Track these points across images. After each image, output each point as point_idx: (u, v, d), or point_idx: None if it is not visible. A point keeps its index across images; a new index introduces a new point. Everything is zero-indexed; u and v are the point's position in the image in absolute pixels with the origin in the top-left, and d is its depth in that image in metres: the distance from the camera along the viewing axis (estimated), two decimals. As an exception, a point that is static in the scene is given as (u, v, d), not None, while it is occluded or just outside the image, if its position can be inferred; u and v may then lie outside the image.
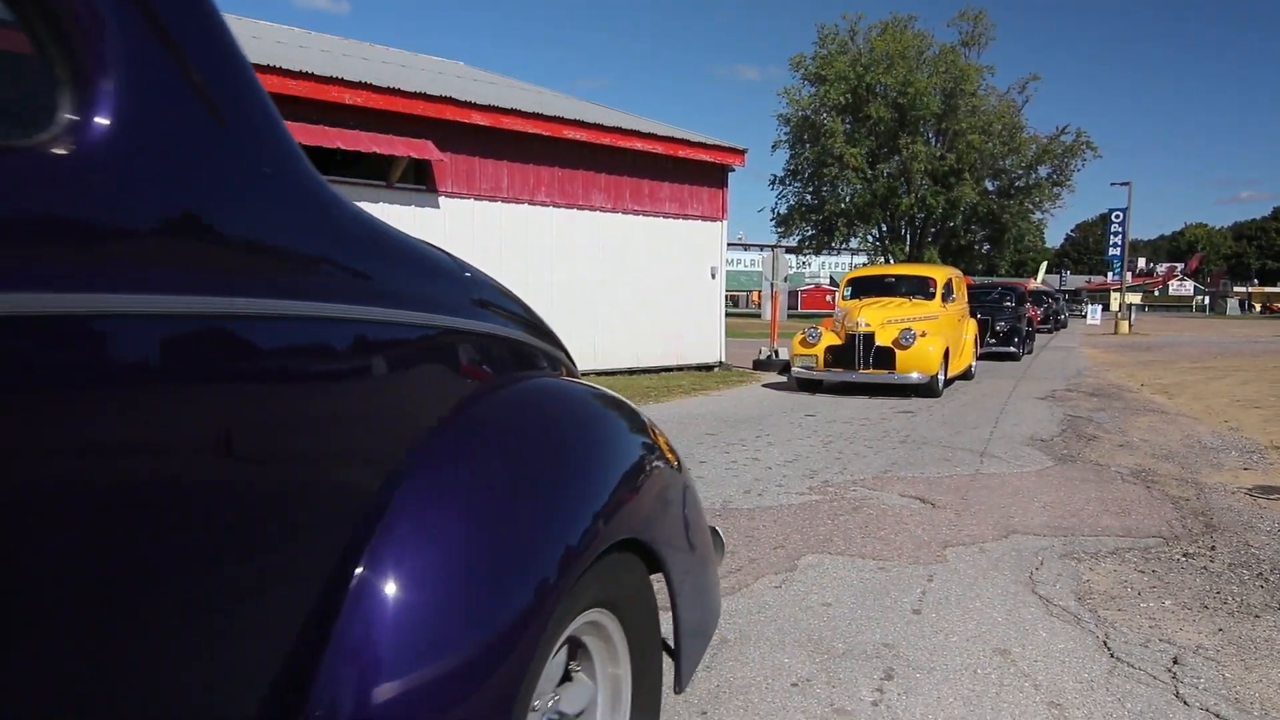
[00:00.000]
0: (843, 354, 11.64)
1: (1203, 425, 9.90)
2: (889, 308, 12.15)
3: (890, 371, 11.31)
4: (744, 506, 5.38)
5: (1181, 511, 5.85)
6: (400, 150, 10.82)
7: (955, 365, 12.71)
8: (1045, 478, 6.65)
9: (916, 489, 6.06)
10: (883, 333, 11.51)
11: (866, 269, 16.42)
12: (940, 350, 11.37)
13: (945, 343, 11.68)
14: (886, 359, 11.35)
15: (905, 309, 12.21)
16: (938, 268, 14.31)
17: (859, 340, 11.50)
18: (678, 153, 14.05)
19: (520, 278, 12.49)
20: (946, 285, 13.14)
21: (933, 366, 11.21)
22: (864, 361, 11.47)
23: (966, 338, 13.68)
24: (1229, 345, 26.50)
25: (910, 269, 15.59)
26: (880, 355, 11.41)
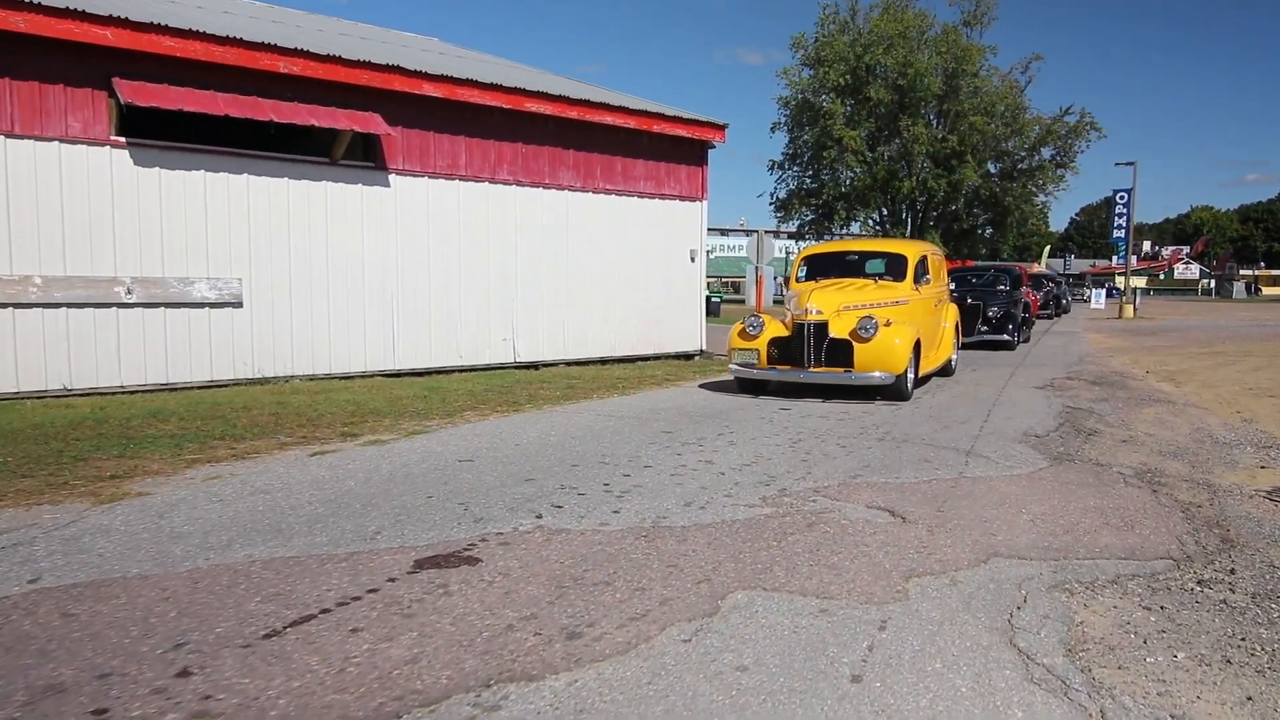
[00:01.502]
0: (790, 348, 9.63)
1: (1213, 416, 9.09)
2: (848, 291, 10.13)
3: (847, 370, 9.33)
4: (678, 524, 4.58)
5: (1193, 522, 5.05)
6: (342, 123, 9.98)
7: (930, 360, 10.93)
8: (1037, 482, 5.84)
9: (887, 498, 5.26)
10: (838, 321, 9.50)
11: (825, 244, 13.01)
12: (909, 342, 9.40)
13: (915, 333, 9.70)
14: (842, 354, 9.36)
15: (868, 292, 10.20)
16: (910, 243, 11.92)
17: (809, 331, 9.48)
18: (652, 128, 13.19)
19: (480, 261, 11.68)
20: (920, 264, 11.01)
21: (898, 363, 9.24)
22: (814, 357, 9.48)
23: (946, 326, 11.87)
24: (1237, 329, 25.63)
25: (876, 244, 13.04)
26: (834, 350, 9.41)
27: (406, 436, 6.95)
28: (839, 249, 12.09)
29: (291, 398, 8.86)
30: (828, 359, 9.46)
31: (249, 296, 9.89)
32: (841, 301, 9.77)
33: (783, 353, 9.69)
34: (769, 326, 9.87)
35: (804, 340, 9.52)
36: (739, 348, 9.85)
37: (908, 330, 9.54)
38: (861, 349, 9.27)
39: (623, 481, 5.48)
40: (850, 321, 9.42)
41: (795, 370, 9.58)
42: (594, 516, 4.67)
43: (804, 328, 9.52)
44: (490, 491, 5.14)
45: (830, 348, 9.46)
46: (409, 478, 5.46)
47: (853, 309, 9.67)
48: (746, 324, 9.93)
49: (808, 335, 9.49)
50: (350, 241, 10.64)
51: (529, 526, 4.46)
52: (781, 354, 9.69)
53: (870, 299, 10.02)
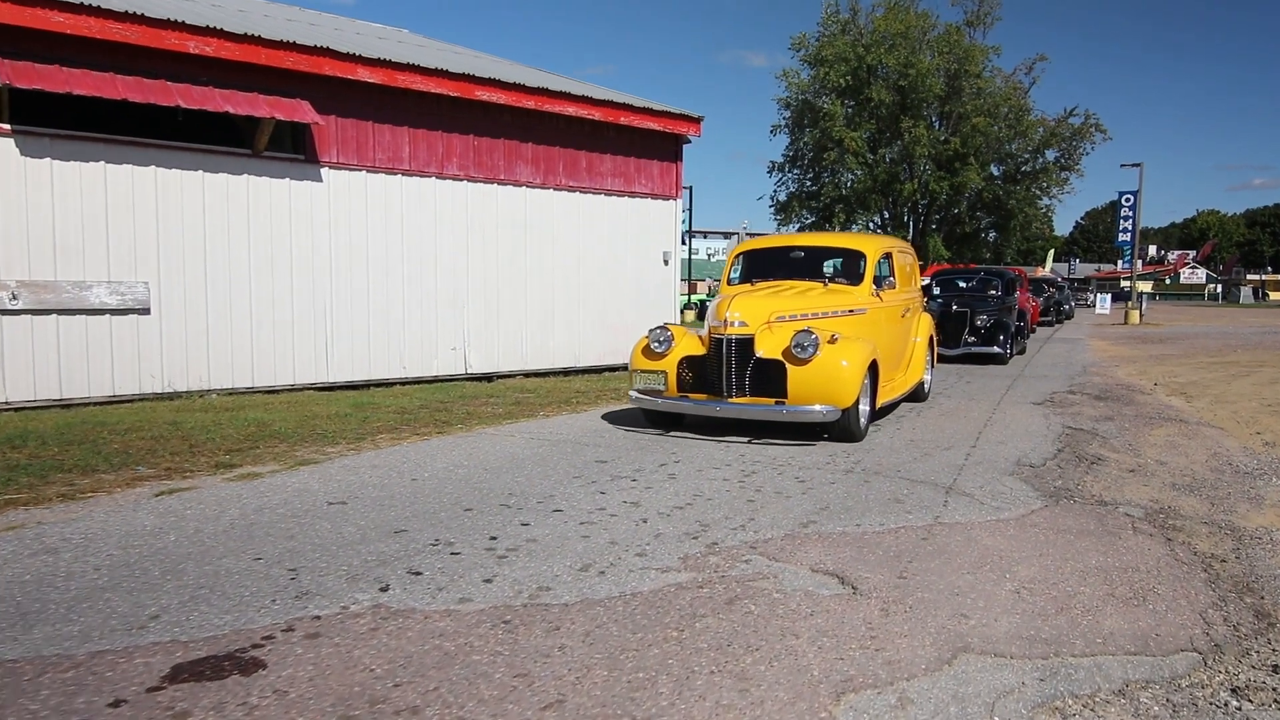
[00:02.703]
0: (705, 371, 7.43)
1: (1231, 438, 8.07)
2: (784, 296, 7.92)
3: (779, 401, 7.10)
4: (560, 600, 3.56)
5: (1219, 587, 4.04)
6: (263, 110, 8.99)
7: (895, 383, 8.88)
8: (1028, 530, 4.83)
9: (840, 557, 4.24)
10: (768, 336, 7.26)
11: (764, 238, 10.19)
12: (860, 364, 7.19)
13: (871, 352, 7.48)
14: (772, 380, 7.15)
15: (812, 298, 8.00)
16: (869, 237, 9.96)
17: (728, 349, 7.24)
18: (619, 119, 12.18)
19: (427, 264, 10.69)
20: (882, 264, 8.92)
21: (846, 392, 7.01)
22: (735, 384, 7.25)
23: (917, 340, 9.76)
24: (1248, 336, 24.56)
25: (828, 239, 10.56)
26: (762, 374, 7.20)
27: (290, 468, 5.94)
28: (782, 244, 9.38)
29: (193, 416, 7.87)
30: (753, 386, 7.22)
31: (158, 302, 8.90)
32: (774, 310, 7.47)
33: (698, 376, 7.45)
34: (681, 341, 7.63)
35: (722, 361, 7.25)
36: (641, 369, 7.61)
37: (860, 348, 7.31)
38: (797, 373, 7.02)
39: (516, 534, 4.47)
40: (783, 337, 7.18)
41: (712, 401, 7.29)
42: (455, 589, 3.66)
43: (722, 344, 7.23)
44: (341, 550, 4.14)
45: (757, 371, 7.20)
46: (250, 529, 4.46)
47: (788, 320, 7.46)
48: (651, 338, 7.66)
49: (727, 354, 7.23)
50: (277, 242, 9.65)
51: (363, 605, 3.45)
52: (697, 378, 7.46)
53: (814, 307, 7.82)
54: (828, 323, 7.65)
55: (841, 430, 7.19)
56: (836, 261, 8.91)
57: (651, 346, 7.65)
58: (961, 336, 14.87)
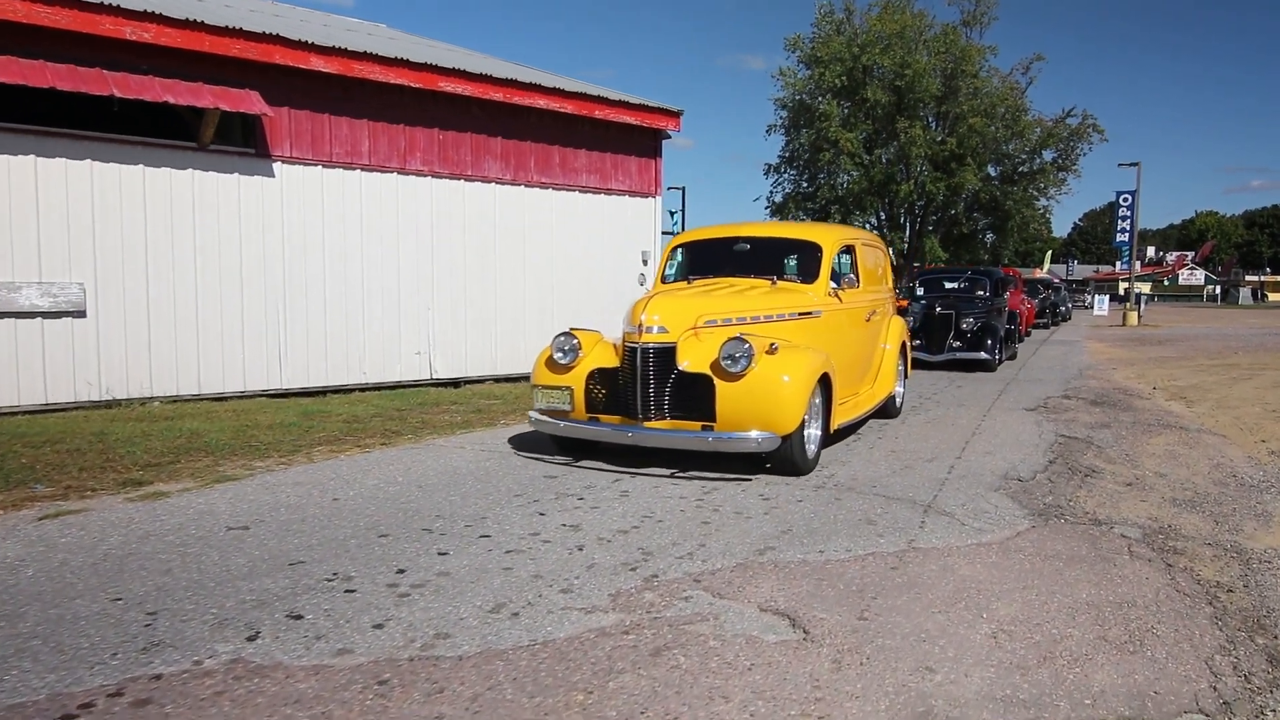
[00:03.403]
0: (618, 387, 6.02)
1: (1234, 447, 7.56)
2: (718, 296, 6.62)
3: (705, 426, 5.74)
4: (456, 652, 3.03)
5: (1227, 626, 3.54)
6: (207, 100, 8.47)
7: (856, 400, 7.59)
8: (1011, 556, 4.31)
9: (795, 591, 3.72)
10: (693, 345, 5.89)
11: (705, 229, 8.60)
12: (807, 379, 5.84)
13: (823, 364, 6.14)
14: (698, 399, 5.76)
15: (754, 298, 6.71)
16: (828, 228, 8.48)
17: (643, 361, 5.83)
18: (594, 113, 11.65)
19: (389, 264, 10.19)
20: (842, 259, 7.67)
21: (787, 414, 5.66)
22: (652, 404, 5.84)
23: (886, 347, 8.47)
24: (1248, 338, 24.06)
25: (777, 229, 8.76)
26: (685, 391, 5.81)
27: (204, 486, 5.41)
28: (724, 234, 7.87)
29: (124, 426, 7.34)
30: (674, 406, 5.82)
31: (95, 305, 8.37)
32: (702, 312, 6.10)
33: (612, 394, 6.03)
34: (591, 351, 6.24)
35: (636, 375, 5.83)
36: (543, 384, 6.26)
37: (806, 359, 5.99)
38: (727, 391, 5.65)
39: (429, 566, 3.95)
40: (712, 346, 5.80)
41: (624, 426, 5.88)
42: (336, 637, 3.13)
43: (636, 355, 5.82)
44: (219, 587, 3.61)
45: (679, 388, 5.80)
46: (124, 561, 3.93)
47: (720, 324, 6.08)
48: (554, 346, 6.31)
49: (642, 367, 5.81)
50: (225, 240, 9.13)
51: (219, 660, 2.92)
52: (610, 396, 6.04)
53: (754, 308, 6.47)
54: (770, 328, 6.33)
55: (782, 461, 5.85)
56: (788, 255, 7.59)
57: (554, 357, 6.24)
58: (946, 341, 13.85)
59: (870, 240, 8.78)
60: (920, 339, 13.80)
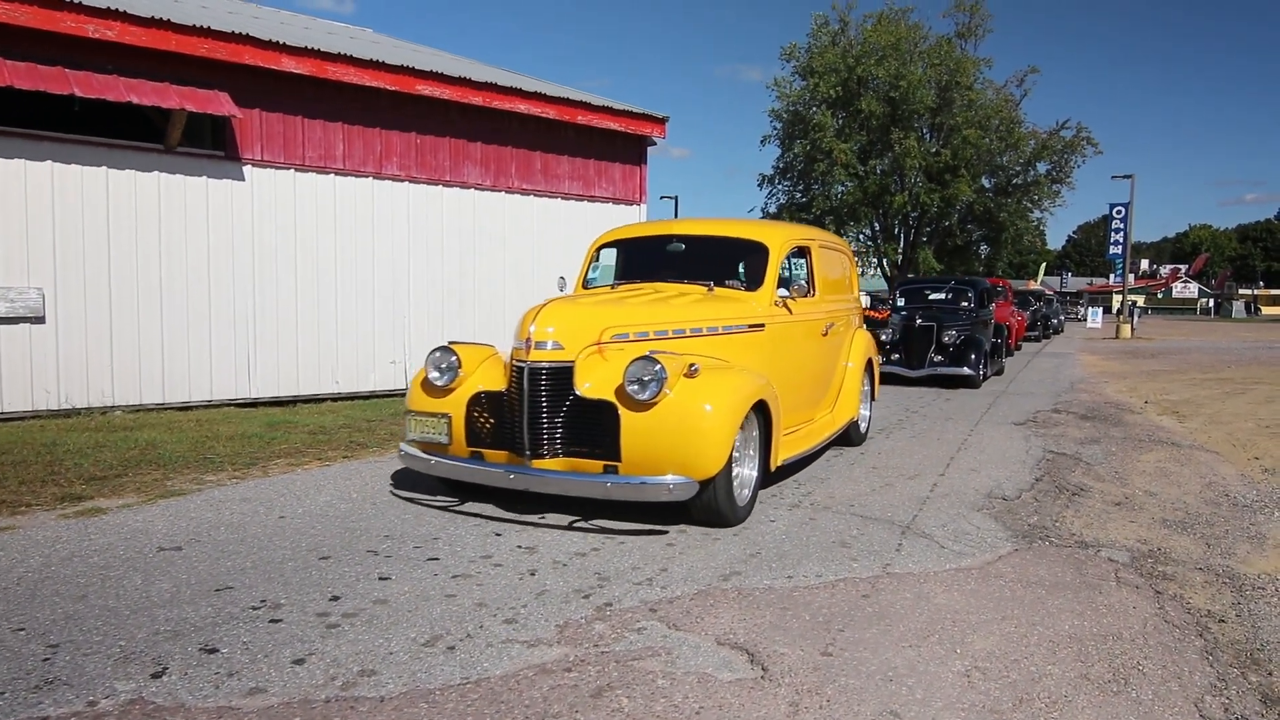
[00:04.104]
0: (503, 417, 4.88)
1: (1227, 464, 7.34)
2: (631, 304, 5.47)
3: (610, 467, 4.58)
4: (373, 694, 2.77)
5: (1218, 661, 3.31)
6: (173, 101, 8.22)
7: (809, 428, 6.47)
8: (991, 582, 4.07)
9: (757, 622, 3.47)
10: (596, 365, 4.78)
11: (635, 226, 7.78)
12: (735, 406, 4.73)
13: (757, 387, 5.02)
14: (599, 432, 4.63)
15: (679, 307, 5.55)
16: (779, 226, 7.15)
17: (532, 383, 4.67)
18: (576, 119, 11.43)
19: (363, 272, 9.95)
20: (793, 262, 6.63)
21: (708, 453, 4.52)
22: (544, 439, 4.68)
23: (849, 365, 7.41)
24: (1241, 351, 23.91)
25: (717, 226, 6.82)
26: (583, 422, 4.69)
27: (146, 502, 5.15)
28: (657, 232, 6.87)
29: (78, 437, 7.07)
30: (570, 441, 4.65)
31: (54, 311, 8.10)
32: (609, 324, 4.95)
33: (500, 424, 4.85)
34: (475, 369, 5.07)
35: (522, 401, 4.65)
36: (417, 410, 5.08)
37: (735, 383, 4.89)
38: (635, 423, 4.49)
39: (366, 592, 3.69)
40: (618, 366, 4.64)
41: (508, 466, 4.74)
42: (251, 674, 2.87)
43: (522, 376, 4.65)
44: (135, 616, 3.34)
45: (576, 418, 4.64)
46: (39, 585, 3.66)
47: (631, 339, 4.95)
48: (430, 363, 5.09)
49: (530, 391, 4.62)
50: (193, 246, 8.87)
51: (115, 701, 2.66)
52: (498, 426, 4.86)
53: (678, 319, 5.36)
54: (699, 344, 5.25)
55: (704, 510, 4.70)
56: (729, 257, 6.48)
57: (430, 378, 5.03)
58: (927, 355, 12.95)
59: (830, 242, 7.55)
60: (899, 353, 13.13)
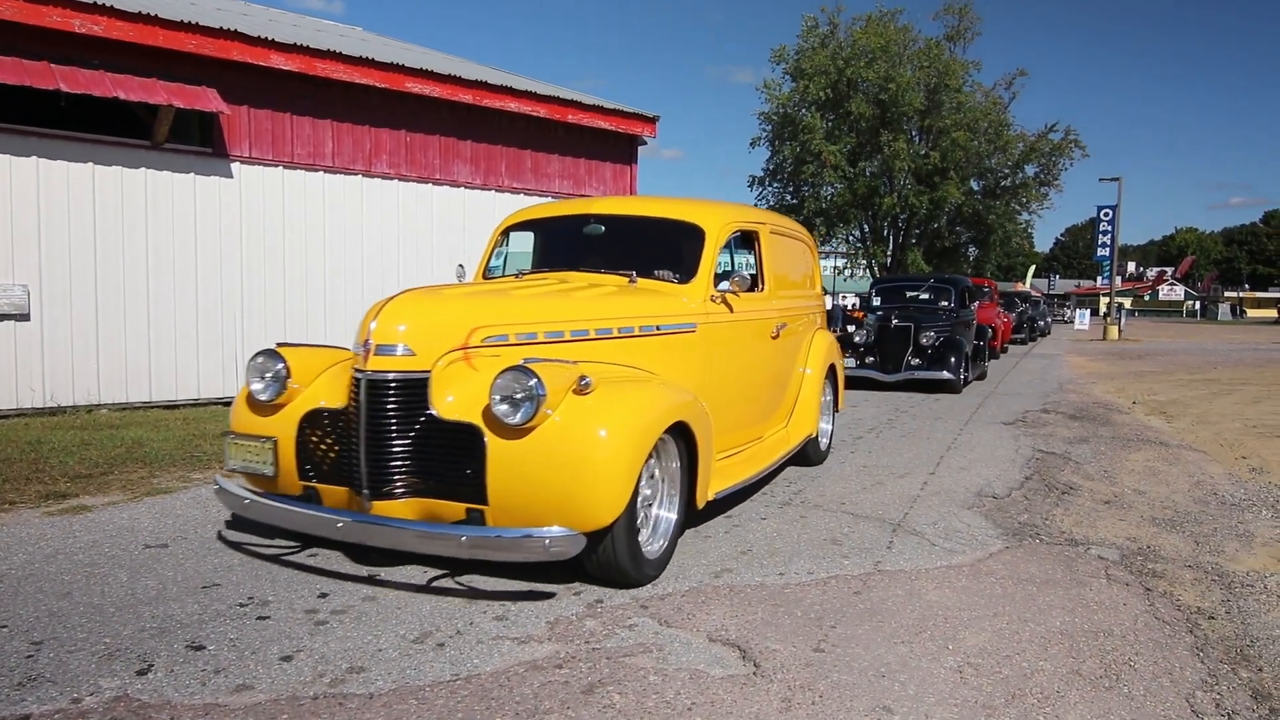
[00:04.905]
0: (344, 443, 3.68)
1: (1215, 464, 7.38)
2: (518, 296, 4.40)
3: (474, 512, 3.44)
4: (362, 690, 2.75)
5: (1208, 657, 3.31)
6: (160, 97, 8.16)
7: (755, 451, 5.41)
8: (982, 579, 4.07)
9: (749, 619, 3.46)
10: (458, 377, 3.61)
11: (546, 205, 6.11)
12: (642, 433, 3.60)
13: (674, 406, 3.91)
14: (459, 465, 3.47)
15: (582, 302, 4.48)
16: (720, 206, 5.53)
17: (372, 400, 3.53)
18: (567, 117, 11.41)
19: (352, 270, 9.89)
20: (735, 249, 5.62)
21: (600, 495, 3.40)
22: (387, 476, 3.53)
23: (806, 372, 6.34)
24: (1227, 353, 24.09)
25: (644, 205, 5.71)
26: (441, 452, 3.53)
27: (132, 500, 5.10)
28: (575, 211, 5.57)
29: (64, 435, 7.00)
30: (421, 478, 3.55)
31: (39, 307, 8.03)
32: (481, 320, 3.83)
33: (341, 452, 3.70)
34: (313, 380, 3.93)
35: (360, 424, 3.55)
36: (238, 433, 3.98)
37: (643, 401, 3.79)
38: (505, 454, 3.39)
39: (356, 589, 3.66)
40: (487, 380, 3.48)
41: (335, 511, 3.60)
42: (237, 671, 2.84)
43: (360, 391, 3.55)
44: (120, 613, 3.30)
45: (429, 446, 3.55)
46: (22, 582, 3.61)
47: (512, 343, 3.88)
48: (251, 372, 3.97)
49: (368, 411, 3.54)
50: (180, 243, 8.81)
51: (101, 698, 2.63)
52: (339, 455, 3.71)
53: (580, 316, 4.25)
54: (607, 348, 4.19)
55: (601, 567, 3.64)
56: (656, 241, 5.23)
57: (253, 390, 3.91)
58: (903, 358, 12.12)
59: (785, 227, 6.33)
60: (874, 355, 12.38)
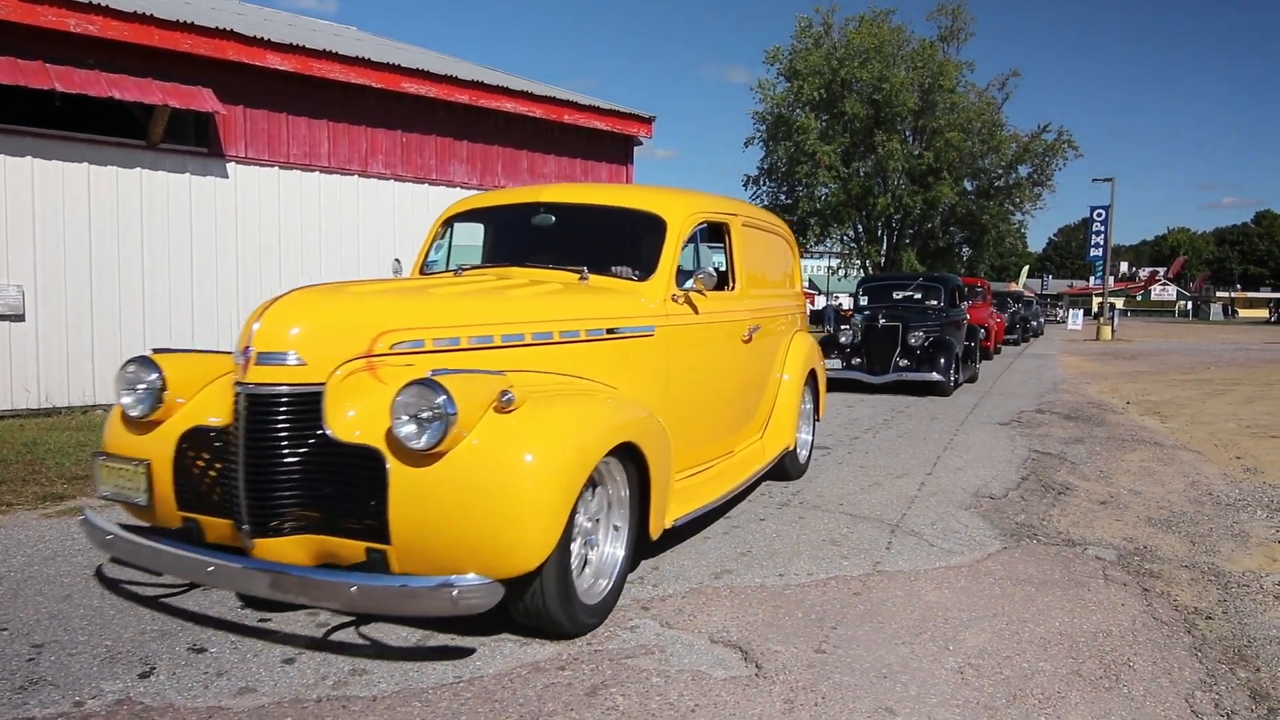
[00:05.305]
0: (222, 471, 3.00)
1: (1209, 464, 7.42)
2: (440, 295, 3.79)
3: (374, 553, 2.83)
4: (365, 693, 2.75)
5: (1206, 657, 3.33)
6: (155, 97, 8.14)
7: (719, 469, 4.79)
8: (981, 580, 4.09)
9: (750, 620, 3.47)
10: (359, 390, 2.98)
11: (496, 194, 5.35)
12: (582, 454, 3.04)
13: (618, 424, 3.36)
14: (361, 497, 2.83)
15: (515, 302, 3.86)
16: (685, 195, 4.96)
17: (251, 419, 2.89)
18: (563, 118, 11.42)
19: (348, 270, 9.87)
20: (699, 244, 4.90)
21: (528, 536, 2.82)
22: (271, 508, 2.89)
23: (784, 379, 5.81)
24: (1220, 353, 24.21)
25: (599, 193, 5.15)
26: (338, 482, 2.89)
27: (130, 501, 5.09)
28: (524, 199, 4.95)
29: (59, 436, 6.98)
30: (313, 510, 2.91)
31: (34, 308, 8.01)
32: (389, 322, 3.21)
33: (225, 481, 2.99)
34: (197, 394, 3.26)
35: (239, 446, 2.91)
36: (110, 453, 3.29)
37: (585, 418, 3.24)
38: (409, 482, 2.79)
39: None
40: (386, 399, 2.86)
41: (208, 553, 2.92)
42: (240, 673, 2.84)
43: (240, 405, 2.92)
44: (121, 615, 3.30)
45: (323, 473, 2.91)
46: (22, 584, 3.61)
47: (429, 349, 3.28)
48: (118, 383, 3.31)
49: (247, 431, 2.90)
50: (175, 242, 8.79)
51: (102, 701, 2.63)
52: (224, 486, 2.99)
53: (513, 317, 3.65)
54: (547, 355, 3.64)
55: (530, 616, 3.08)
56: (612, 234, 4.74)
57: (124, 407, 3.28)
58: (891, 359, 11.69)
59: (759, 219, 5.77)
60: (860, 356, 11.96)
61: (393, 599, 2.74)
